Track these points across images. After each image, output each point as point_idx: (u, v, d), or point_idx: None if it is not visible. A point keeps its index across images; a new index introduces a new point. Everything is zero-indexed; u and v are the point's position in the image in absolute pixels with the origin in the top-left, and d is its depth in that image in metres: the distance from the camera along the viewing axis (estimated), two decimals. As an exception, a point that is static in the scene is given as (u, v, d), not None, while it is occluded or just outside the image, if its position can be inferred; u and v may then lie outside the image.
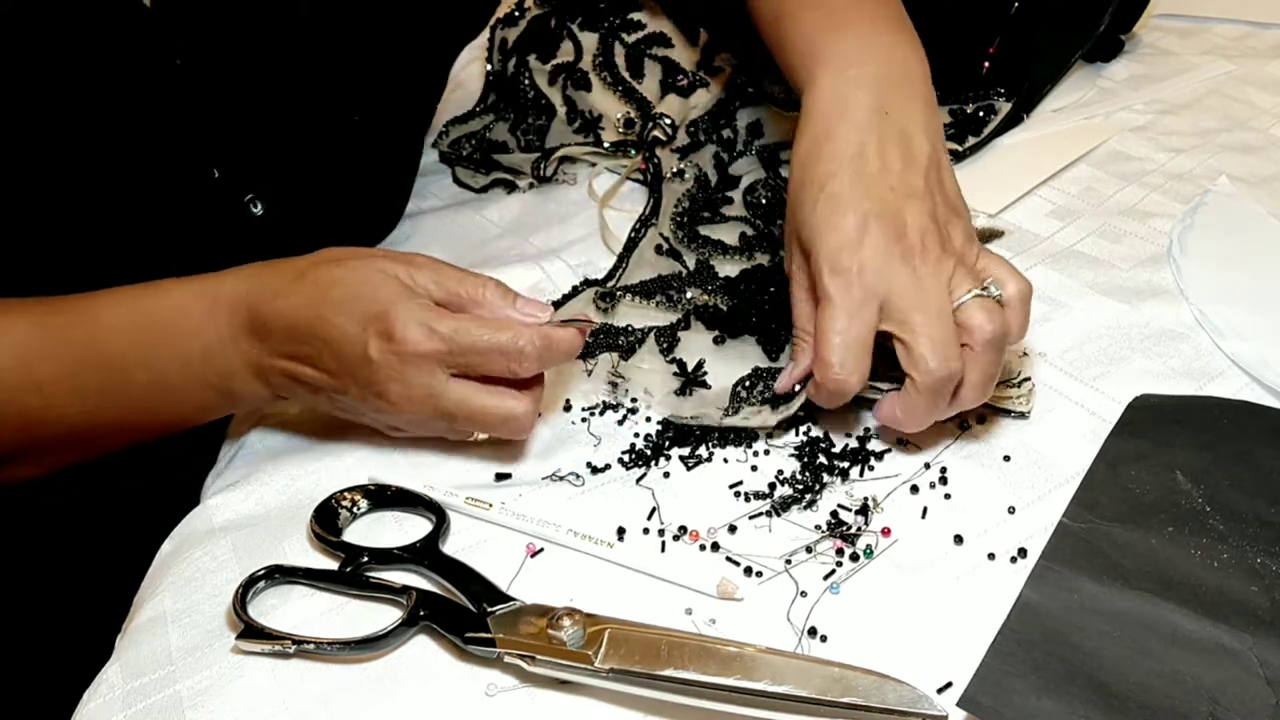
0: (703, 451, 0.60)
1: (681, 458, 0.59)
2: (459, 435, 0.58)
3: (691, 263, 0.75)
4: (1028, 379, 0.61)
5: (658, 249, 0.76)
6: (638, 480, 0.58)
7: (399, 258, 0.56)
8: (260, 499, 0.59)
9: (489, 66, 0.96)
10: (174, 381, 0.56)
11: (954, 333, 0.53)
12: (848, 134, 0.57)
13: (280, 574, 0.52)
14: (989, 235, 0.77)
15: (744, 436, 0.60)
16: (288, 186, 0.70)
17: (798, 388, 0.59)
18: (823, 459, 0.58)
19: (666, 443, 0.60)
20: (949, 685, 0.46)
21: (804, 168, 0.58)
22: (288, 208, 0.70)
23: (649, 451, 0.59)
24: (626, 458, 0.59)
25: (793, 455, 0.59)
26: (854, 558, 0.53)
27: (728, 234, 0.78)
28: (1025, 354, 0.64)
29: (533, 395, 0.56)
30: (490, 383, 0.55)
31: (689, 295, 0.71)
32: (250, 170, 0.68)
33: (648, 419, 0.62)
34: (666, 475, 0.58)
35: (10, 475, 0.58)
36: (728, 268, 0.74)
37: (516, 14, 0.94)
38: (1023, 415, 0.60)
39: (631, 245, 0.76)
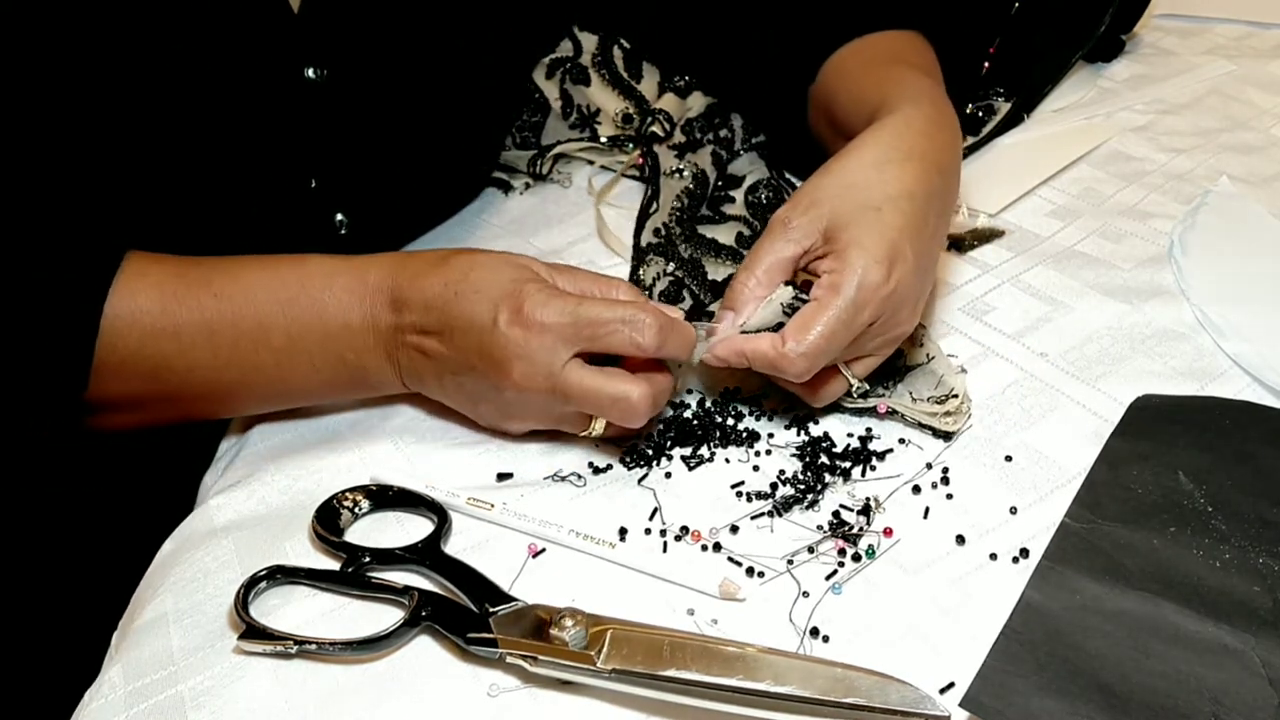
0: (704, 452, 0.60)
1: (683, 458, 0.59)
2: (575, 427, 0.58)
3: (686, 254, 0.75)
4: (954, 395, 0.59)
5: (656, 233, 0.76)
6: (639, 480, 0.58)
7: (538, 260, 0.58)
8: (262, 499, 0.59)
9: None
10: (308, 350, 0.57)
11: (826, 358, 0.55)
12: (934, 173, 0.58)
13: (282, 574, 0.52)
14: (989, 235, 0.77)
15: (746, 437, 0.60)
16: (373, 204, 0.72)
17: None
18: (824, 459, 0.58)
19: (668, 443, 0.60)
20: (951, 685, 0.46)
21: (882, 153, 0.57)
22: (369, 225, 0.72)
23: (650, 451, 0.59)
24: (628, 458, 0.59)
25: (794, 455, 0.59)
26: (856, 558, 0.53)
27: (725, 234, 0.78)
28: (963, 370, 0.62)
29: (648, 382, 0.55)
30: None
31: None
32: (344, 185, 0.69)
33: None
34: (668, 475, 0.58)
35: (113, 421, 0.58)
36: (719, 271, 0.73)
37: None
38: (945, 436, 0.59)
39: (638, 247, 0.76)
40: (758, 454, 0.59)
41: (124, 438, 0.60)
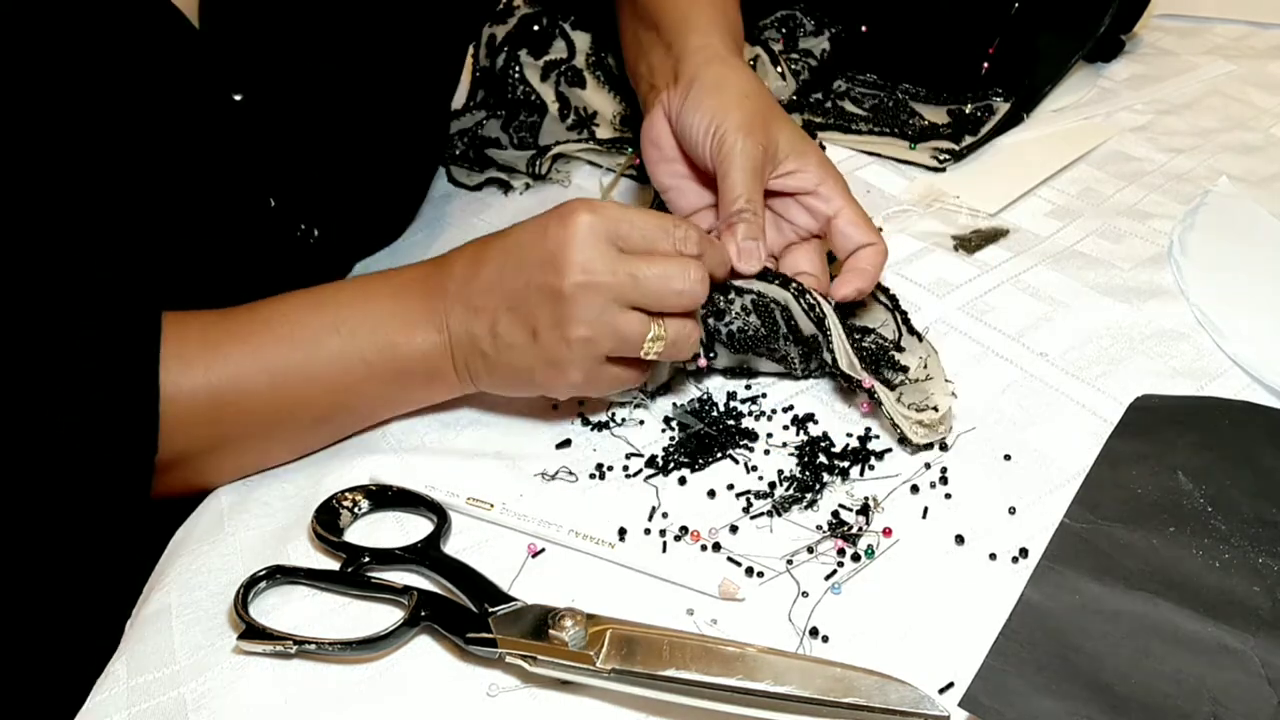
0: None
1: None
2: (633, 345, 0.55)
3: None
4: (933, 408, 0.58)
5: None
6: (643, 479, 0.58)
7: None
8: (262, 500, 0.58)
9: (476, 64, 0.95)
10: (363, 347, 0.56)
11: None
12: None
13: (282, 574, 0.52)
14: (994, 235, 0.77)
15: (746, 437, 0.60)
16: (335, 208, 0.71)
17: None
18: (823, 459, 0.58)
19: (680, 455, 0.59)
20: (950, 685, 0.46)
21: (755, 104, 0.63)
22: (337, 228, 0.71)
23: (660, 462, 0.59)
24: (631, 460, 0.59)
25: (793, 455, 0.59)
26: (855, 558, 0.53)
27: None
28: (954, 395, 0.60)
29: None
30: None
31: None
32: (304, 197, 0.68)
33: (640, 422, 0.62)
34: (667, 474, 0.58)
35: (182, 479, 0.57)
36: None
37: (504, 10, 0.94)
38: (921, 448, 0.58)
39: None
40: (757, 454, 0.59)
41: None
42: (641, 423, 0.62)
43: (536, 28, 0.91)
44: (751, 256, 0.59)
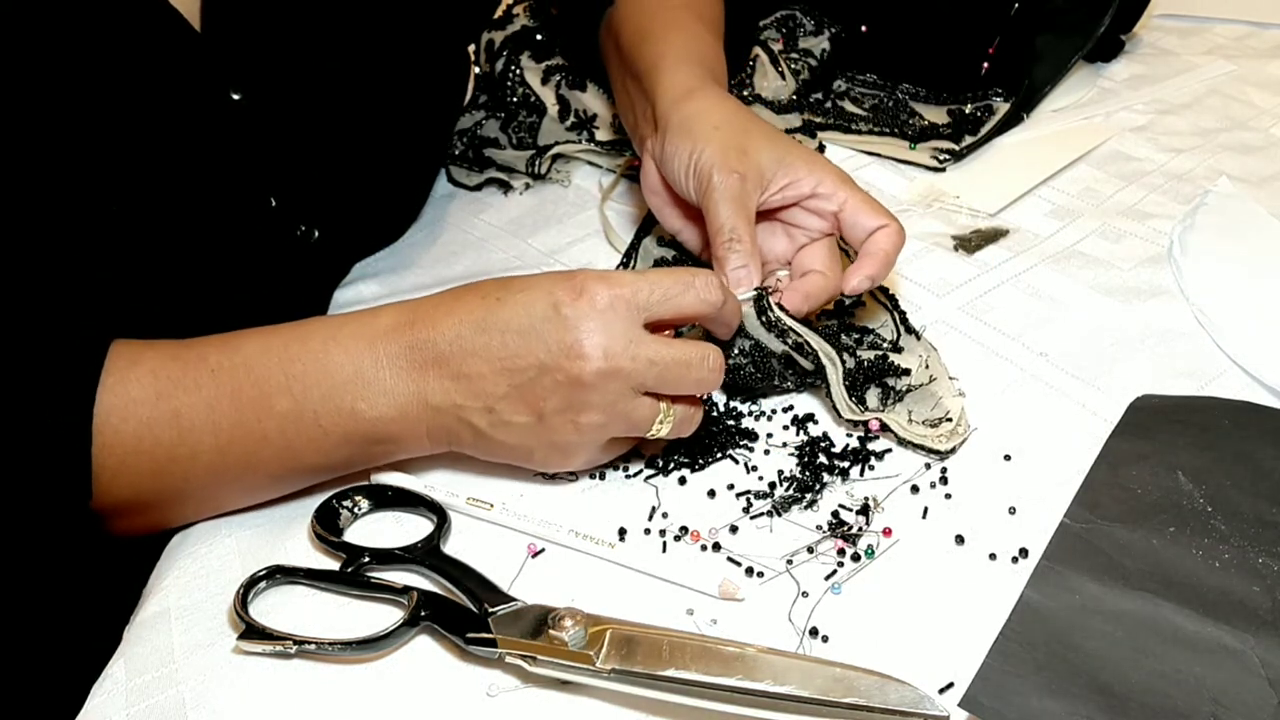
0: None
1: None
2: (642, 426, 0.53)
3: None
4: (949, 419, 0.59)
5: (660, 240, 0.77)
6: (644, 479, 0.58)
7: None
8: (261, 499, 0.59)
9: (476, 69, 0.95)
10: (314, 410, 0.52)
11: None
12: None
13: (282, 574, 0.52)
14: (995, 235, 0.77)
15: (746, 436, 0.60)
16: (336, 209, 0.71)
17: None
18: (823, 459, 0.58)
19: (680, 453, 0.59)
20: (950, 685, 0.46)
21: (726, 134, 0.63)
22: (338, 228, 0.71)
23: (661, 461, 0.59)
24: (629, 464, 0.59)
25: (793, 455, 0.59)
26: (855, 558, 0.53)
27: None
28: (961, 394, 0.61)
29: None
30: None
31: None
32: (305, 198, 0.68)
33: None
34: (667, 474, 0.58)
35: (129, 525, 0.54)
36: None
37: (503, 17, 0.94)
38: (941, 454, 0.58)
39: (637, 241, 0.77)
40: (757, 454, 0.59)
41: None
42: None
43: (539, 37, 0.92)
44: (742, 282, 0.59)
